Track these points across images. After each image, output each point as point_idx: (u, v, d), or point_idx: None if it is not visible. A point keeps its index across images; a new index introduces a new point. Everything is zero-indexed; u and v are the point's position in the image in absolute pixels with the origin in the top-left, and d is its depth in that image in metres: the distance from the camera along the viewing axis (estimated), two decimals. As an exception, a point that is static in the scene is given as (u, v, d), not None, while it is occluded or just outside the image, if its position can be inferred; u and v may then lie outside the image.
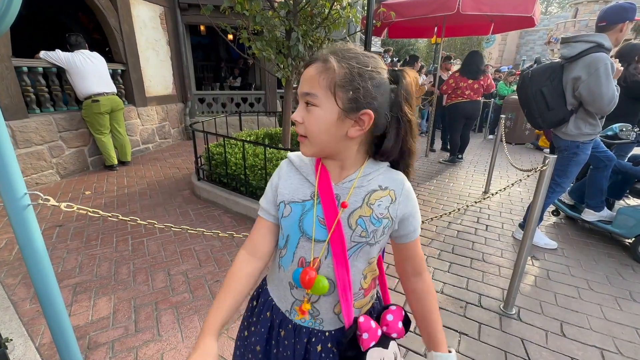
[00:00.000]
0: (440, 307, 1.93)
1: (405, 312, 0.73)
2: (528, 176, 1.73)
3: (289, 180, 0.72)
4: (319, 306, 0.71)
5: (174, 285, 2.06)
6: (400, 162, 0.69)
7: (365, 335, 0.66)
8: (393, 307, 0.72)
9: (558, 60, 2.15)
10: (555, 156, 1.61)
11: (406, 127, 0.63)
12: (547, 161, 1.60)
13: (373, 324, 0.68)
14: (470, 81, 4.56)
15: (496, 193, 1.84)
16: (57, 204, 0.90)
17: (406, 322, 0.72)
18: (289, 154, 0.76)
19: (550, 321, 1.85)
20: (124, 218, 1.05)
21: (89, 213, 0.93)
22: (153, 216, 3.01)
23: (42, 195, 0.88)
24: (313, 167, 0.70)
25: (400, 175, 0.71)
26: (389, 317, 0.71)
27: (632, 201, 3.29)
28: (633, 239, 2.52)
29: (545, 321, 1.85)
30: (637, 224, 2.47)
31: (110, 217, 1.02)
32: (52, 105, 3.85)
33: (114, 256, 2.36)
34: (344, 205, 0.66)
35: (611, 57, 1.96)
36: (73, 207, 0.92)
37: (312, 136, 0.63)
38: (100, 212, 0.96)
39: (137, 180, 3.94)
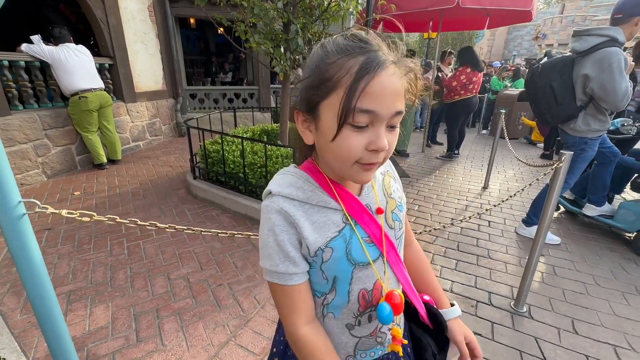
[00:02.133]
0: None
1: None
2: (545, 174, 1.69)
3: (309, 220, 0.55)
4: (383, 328, 0.65)
5: (175, 291, 1.97)
6: None
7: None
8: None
9: (569, 54, 2.12)
10: (571, 153, 1.57)
11: None
12: (563, 157, 1.57)
13: (427, 296, 0.71)
14: (479, 74, 4.63)
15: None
16: (56, 211, 0.80)
17: None
18: (274, 191, 0.57)
19: (562, 318, 1.84)
20: (122, 221, 0.96)
21: (95, 217, 0.84)
22: (148, 217, 2.89)
23: (39, 203, 0.78)
24: (321, 189, 0.57)
25: None
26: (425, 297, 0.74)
27: (629, 195, 3.34)
28: (635, 233, 2.54)
29: (556, 318, 1.84)
30: (639, 218, 2.48)
31: (125, 222, 0.93)
32: (35, 101, 3.65)
33: (109, 260, 2.24)
34: (380, 212, 0.61)
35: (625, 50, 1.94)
36: (75, 214, 0.83)
37: (388, 157, 0.53)
38: (104, 218, 0.87)
39: (128, 180, 3.79)
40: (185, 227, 1.05)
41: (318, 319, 0.61)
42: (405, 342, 0.63)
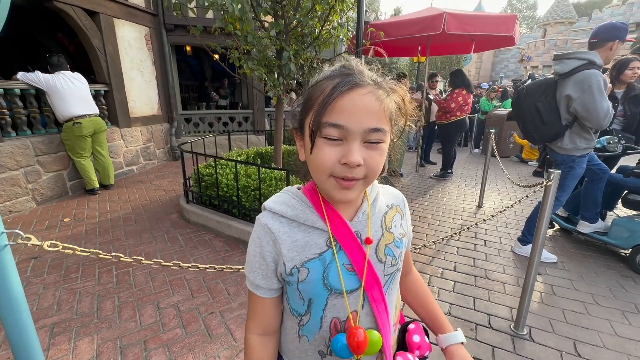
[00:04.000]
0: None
1: (422, 324, 0.73)
2: (534, 192, 1.71)
3: (291, 238, 0.57)
4: None
5: (164, 320, 1.89)
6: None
7: None
8: (412, 326, 0.71)
9: (552, 76, 2.21)
10: (560, 171, 1.59)
11: None
12: (552, 176, 1.59)
13: (410, 356, 0.65)
14: (470, 96, 4.85)
15: (501, 206, 1.81)
16: (39, 243, 0.78)
17: (426, 332, 0.72)
18: (266, 206, 0.61)
19: (563, 340, 1.79)
20: (104, 256, 0.94)
21: (77, 252, 0.82)
22: (139, 243, 2.83)
23: (22, 233, 0.76)
24: (313, 209, 0.58)
25: (392, 188, 0.71)
26: (416, 339, 0.69)
27: (621, 211, 3.37)
28: (630, 249, 2.54)
29: (558, 340, 1.79)
30: (632, 234, 2.49)
31: (105, 255, 0.91)
32: (29, 128, 3.65)
33: (96, 290, 2.17)
34: (368, 242, 0.58)
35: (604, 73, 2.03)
36: (58, 246, 0.80)
37: (372, 176, 0.52)
38: (88, 251, 0.84)
39: (120, 205, 3.74)
40: (171, 263, 1.03)
41: (294, 339, 0.63)
42: None
